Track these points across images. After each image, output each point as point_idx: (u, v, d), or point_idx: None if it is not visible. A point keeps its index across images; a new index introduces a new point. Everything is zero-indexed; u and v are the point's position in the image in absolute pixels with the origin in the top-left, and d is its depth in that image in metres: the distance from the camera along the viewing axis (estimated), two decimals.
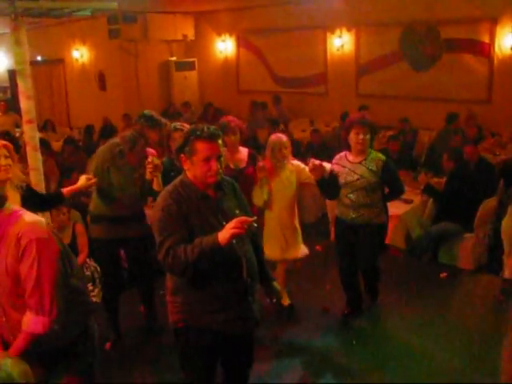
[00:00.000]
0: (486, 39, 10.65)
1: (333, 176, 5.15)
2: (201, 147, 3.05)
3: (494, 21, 10.49)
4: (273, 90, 13.51)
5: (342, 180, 5.13)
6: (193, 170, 3.11)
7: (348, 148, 5.21)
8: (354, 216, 5.15)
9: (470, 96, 10.79)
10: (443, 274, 6.49)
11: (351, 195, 5.10)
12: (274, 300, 3.59)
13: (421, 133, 10.64)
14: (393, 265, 6.88)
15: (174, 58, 15.18)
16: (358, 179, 5.04)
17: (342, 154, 5.27)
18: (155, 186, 4.55)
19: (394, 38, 11.75)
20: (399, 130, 10.39)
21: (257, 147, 7.94)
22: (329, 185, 5.18)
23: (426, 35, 11.34)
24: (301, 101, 13.40)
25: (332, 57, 12.88)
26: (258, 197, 5.26)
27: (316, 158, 9.02)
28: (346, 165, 5.15)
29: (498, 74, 10.63)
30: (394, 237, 6.81)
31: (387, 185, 5.19)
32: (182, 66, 15.15)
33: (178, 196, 3.09)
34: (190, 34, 15.14)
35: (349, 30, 12.48)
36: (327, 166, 5.17)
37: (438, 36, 11.19)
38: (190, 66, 15.36)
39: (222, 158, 3.15)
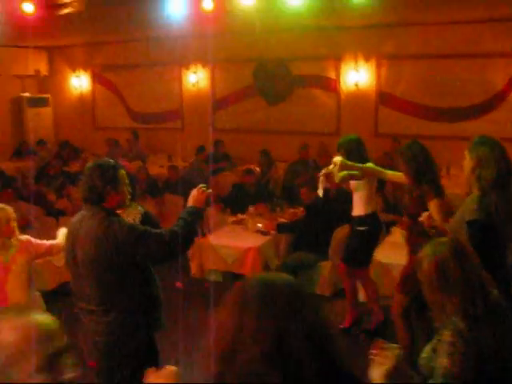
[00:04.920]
0: (333, 75, 11.34)
1: None
2: None
3: (338, 59, 11.21)
4: (130, 126, 13.41)
5: None
6: None
7: None
8: None
9: (321, 128, 11.38)
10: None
11: None
12: None
13: (276, 165, 10.99)
14: None
15: (26, 94, 14.65)
16: None
17: None
18: None
19: (248, 73, 12.16)
20: (258, 162, 10.65)
21: None
22: None
23: (277, 71, 11.85)
24: (158, 136, 13.42)
25: (188, 92, 13.08)
26: None
27: (173, 193, 9.11)
28: None
29: (344, 108, 11.33)
30: (253, 269, 6.93)
31: None
32: (35, 102, 14.61)
33: None
34: (43, 69, 14.73)
35: (204, 65, 12.74)
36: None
37: (289, 72, 11.74)
38: (44, 102, 14.87)
39: None
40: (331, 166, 5.14)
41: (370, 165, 5.35)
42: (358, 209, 5.73)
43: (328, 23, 10.22)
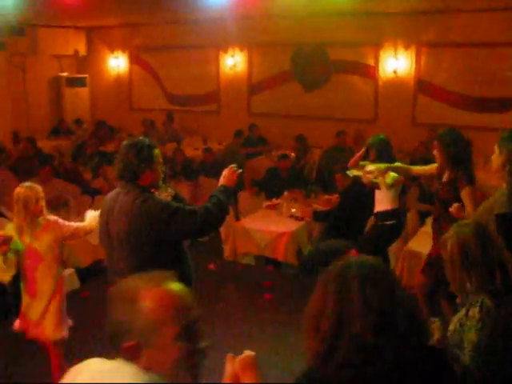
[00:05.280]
0: (371, 62, 11.22)
1: None
2: None
3: (377, 45, 11.09)
4: (166, 108, 13.50)
5: None
6: None
7: None
8: None
9: (358, 115, 11.29)
10: None
11: None
12: None
13: (312, 151, 10.94)
14: (285, 280, 7.04)
15: (65, 74, 14.80)
16: None
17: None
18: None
19: (285, 58, 12.09)
20: (293, 148, 10.61)
21: None
22: None
23: (315, 56, 11.76)
24: (194, 119, 13.47)
25: (225, 75, 13.07)
26: (2, 272, 4.15)
27: (208, 176, 9.16)
28: None
29: (382, 95, 11.22)
30: (286, 253, 6.93)
31: None
32: (73, 82, 14.77)
33: None
34: (82, 49, 14.87)
35: (241, 49, 12.72)
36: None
37: (327, 58, 11.64)
38: (82, 82, 15.01)
39: None
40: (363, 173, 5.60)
41: (397, 164, 5.51)
42: (383, 205, 5.88)
43: (368, 8, 10.10)
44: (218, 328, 5.69)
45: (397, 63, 11.00)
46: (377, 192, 5.88)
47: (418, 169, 5.53)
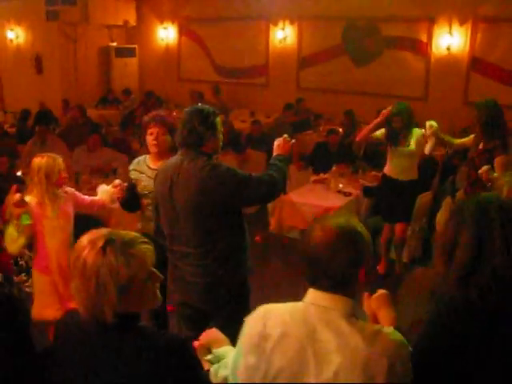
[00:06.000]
0: (424, 38, 10.96)
1: (131, 185, 4.27)
2: None
3: (431, 21, 10.80)
4: (214, 80, 13.45)
5: (140, 189, 4.27)
6: None
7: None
8: None
9: (408, 92, 11.04)
10: (379, 266, 6.63)
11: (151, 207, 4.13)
12: None
13: (361, 126, 10.78)
14: None
15: (114, 44, 14.91)
16: None
17: (142, 157, 4.46)
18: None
19: (336, 32, 11.90)
20: (342, 123, 10.48)
21: None
22: (127, 200, 4.31)
23: (367, 31, 11.54)
24: (241, 91, 13.40)
25: (274, 48, 12.95)
26: (12, 241, 4.07)
27: (255, 149, 9.11)
28: (145, 171, 4.29)
29: (433, 73, 10.97)
30: None
31: None
32: (122, 52, 14.89)
33: None
34: (132, 19, 14.88)
35: (292, 22, 12.56)
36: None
37: (379, 33, 11.42)
38: (131, 53, 15.10)
39: None
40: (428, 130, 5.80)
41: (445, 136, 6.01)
42: (412, 174, 6.23)
43: None
44: (267, 299, 5.69)
45: (451, 39, 10.69)
46: (404, 160, 6.13)
47: (459, 141, 5.94)
